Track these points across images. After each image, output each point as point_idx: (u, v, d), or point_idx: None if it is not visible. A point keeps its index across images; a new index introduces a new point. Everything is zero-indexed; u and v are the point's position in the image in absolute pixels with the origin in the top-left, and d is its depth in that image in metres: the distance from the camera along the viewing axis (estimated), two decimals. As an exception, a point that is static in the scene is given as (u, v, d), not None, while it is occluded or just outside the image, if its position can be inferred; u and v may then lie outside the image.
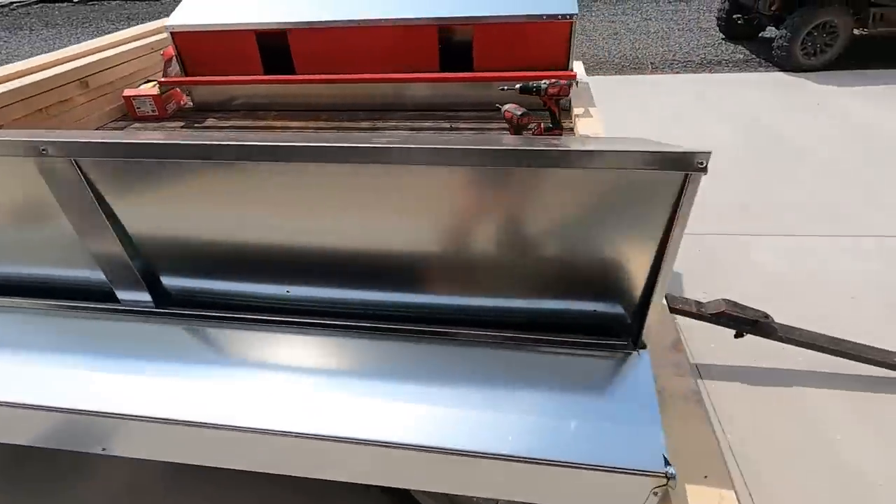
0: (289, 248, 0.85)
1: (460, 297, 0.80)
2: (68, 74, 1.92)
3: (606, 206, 0.67)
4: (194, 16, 2.04)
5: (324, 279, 0.87)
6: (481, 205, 0.72)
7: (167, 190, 0.83)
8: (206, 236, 0.86)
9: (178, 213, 0.86)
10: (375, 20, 1.92)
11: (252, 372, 0.80)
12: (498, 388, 0.68)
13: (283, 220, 0.83)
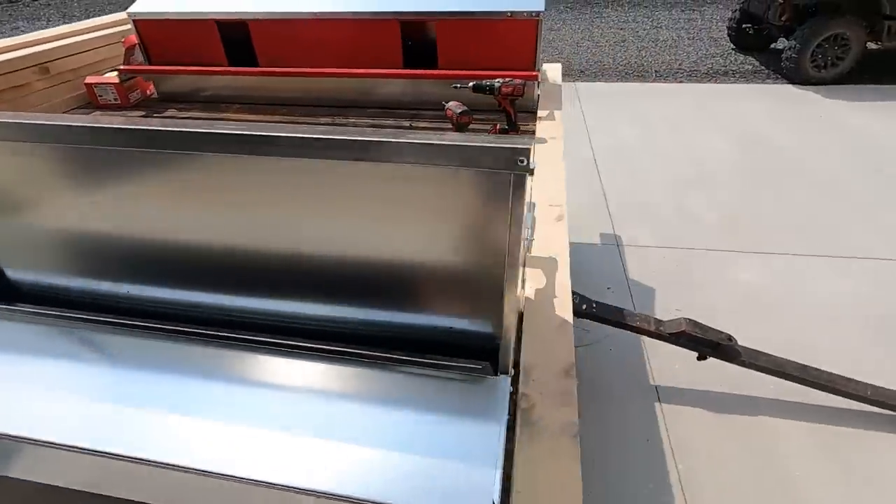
0: (126, 242, 0.78)
1: (304, 303, 0.73)
2: (26, 59, 1.90)
3: (438, 207, 0.59)
4: (157, 3, 2.00)
5: (163, 279, 0.80)
6: (306, 199, 0.66)
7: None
8: (54, 226, 0.81)
9: (22, 197, 0.81)
10: (337, 13, 1.86)
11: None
12: (327, 408, 0.61)
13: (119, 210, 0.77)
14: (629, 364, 1.88)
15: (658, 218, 2.71)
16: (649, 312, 2.08)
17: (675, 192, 2.93)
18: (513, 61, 1.84)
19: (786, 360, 1.63)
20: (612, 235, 2.60)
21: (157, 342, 0.78)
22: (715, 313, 2.02)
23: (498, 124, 1.64)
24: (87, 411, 0.68)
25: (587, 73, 5.05)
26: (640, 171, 3.16)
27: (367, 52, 1.92)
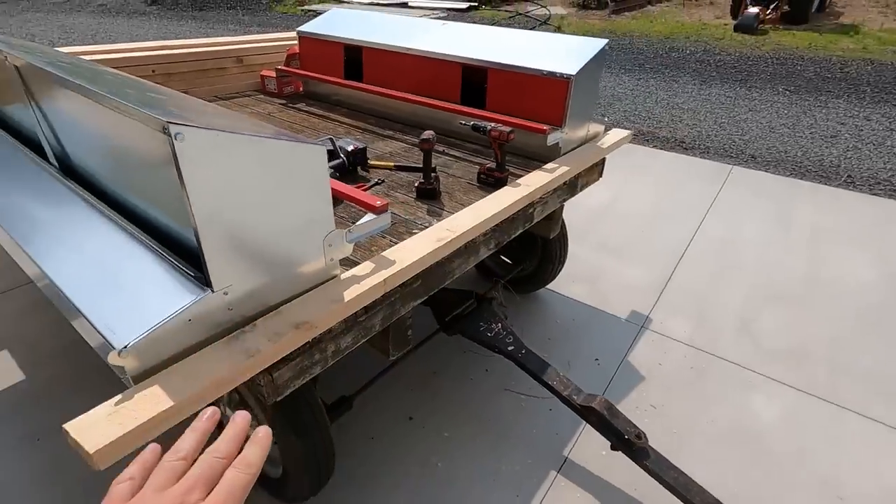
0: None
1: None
2: (229, 52, 2.78)
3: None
4: (315, 26, 2.71)
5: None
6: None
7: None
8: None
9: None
10: (419, 50, 2.28)
11: None
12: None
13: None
14: (558, 427, 1.83)
15: (709, 319, 2.42)
16: (621, 402, 1.95)
17: (755, 301, 2.55)
18: (544, 113, 1.99)
19: (697, 485, 1.44)
20: (642, 316, 2.43)
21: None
22: (687, 441, 1.81)
23: (487, 164, 1.82)
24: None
25: (761, 160, 4.51)
26: (733, 269, 2.82)
27: (435, 84, 2.28)
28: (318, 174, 1.02)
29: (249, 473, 0.42)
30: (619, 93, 6.54)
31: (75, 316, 0.96)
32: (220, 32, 11.27)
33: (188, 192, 0.83)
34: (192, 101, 1.18)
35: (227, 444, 0.44)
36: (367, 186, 1.77)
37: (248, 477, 0.42)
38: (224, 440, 0.45)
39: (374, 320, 1.23)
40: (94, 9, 15.38)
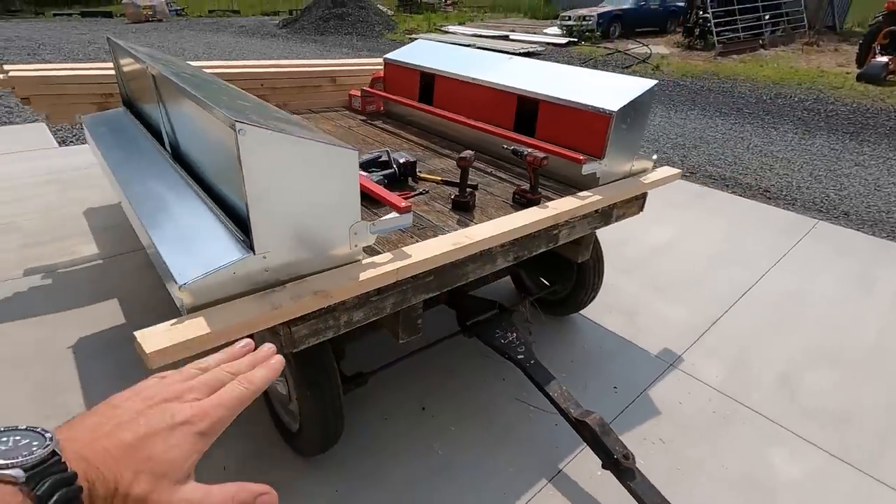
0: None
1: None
2: (325, 72, 3.21)
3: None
4: (401, 54, 3.05)
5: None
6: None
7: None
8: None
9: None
10: (483, 81, 2.51)
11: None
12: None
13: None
14: (558, 441, 1.90)
15: (747, 369, 2.34)
16: (629, 432, 1.97)
17: (805, 359, 2.42)
18: (587, 145, 2.11)
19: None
20: (674, 354, 2.41)
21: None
22: (689, 479, 1.79)
23: (522, 186, 1.98)
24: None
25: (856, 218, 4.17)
26: (789, 325, 2.68)
27: (493, 111, 2.49)
28: (348, 173, 1.26)
29: (248, 389, 0.44)
30: (707, 136, 6.34)
31: (162, 265, 1.27)
32: (333, 54, 12.46)
33: (244, 174, 1.10)
34: (270, 110, 1.48)
35: (241, 364, 0.46)
36: (411, 195, 2.01)
37: (244, 391, 0.43)
38: (241, 361, 0.47)
39: (385, 302, 1.44)
40: (235, 30, 17.67)
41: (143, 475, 0.36)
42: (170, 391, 0.41)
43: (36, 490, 0.31)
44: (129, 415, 0.38)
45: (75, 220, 3.36)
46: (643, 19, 14.71)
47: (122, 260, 2.94)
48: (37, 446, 0.33)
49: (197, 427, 0.39)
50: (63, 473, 0.32)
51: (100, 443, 0.36)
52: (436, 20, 19.65)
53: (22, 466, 0.31)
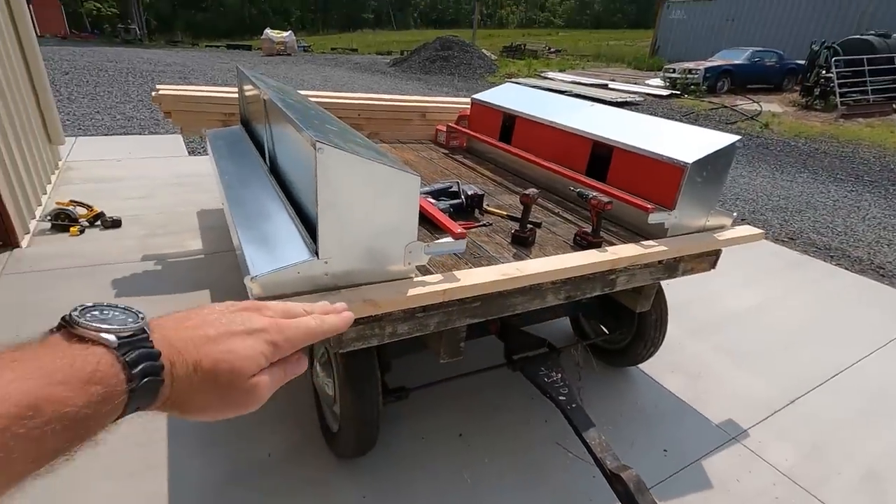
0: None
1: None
2: (415, 108, 3.46)
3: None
4: (487, 95, 3.22)
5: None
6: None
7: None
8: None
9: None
10: (559, 124, 2.58)
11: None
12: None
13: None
14: (593, 494, 1.81)
15: (826, 458, 2.08)
16: (673, 500, 1.84)
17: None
18: (658, 195, 2.09)
19: None
20: (739, 428, 2.21)
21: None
22: None
23: (584, 228, 1.99)
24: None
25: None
26: (888, 418, 2.36)
27: (568, 154, 2.54)
28: (409, 195, 1.38)
29: (319, 325, 0.46)
30: (816, 201, 5.82)
31: (242, 259, 1.46)
32: (434, 91, 13.19)
33: (318, 187, 1.25)
34: (352, 134, 1.66)
35: (316, 307, 0.49)
36: (475, 225, 2.10)
37: (315, 325, 0.46)
38: (316, 305, 0.49)
39: (429, 320, 1.51)
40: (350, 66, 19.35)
41: (221, 363, 0.39)
42: (251, 304, 0.46)
43: (126, 356, 0.34)
44: (212, 315, 0.42)
45: (189, 218, 3.86)
46: (756, 75, 13.98)
47: (220, 257, 3.32)
48: (131, 322, 0.37)
49: (271, 336, 0.43)
50: (150, 348, 0.36)
51: (184, 332, 0.40)
52: (537, 66, 20.13)
53: (116, 334, 0.35)
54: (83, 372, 0.32)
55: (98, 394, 0.32)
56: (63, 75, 11.53)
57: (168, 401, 0.38)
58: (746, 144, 8.70)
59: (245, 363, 0.41)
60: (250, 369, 0.41)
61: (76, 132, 6.30)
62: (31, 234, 3.34)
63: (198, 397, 0.39)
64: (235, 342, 0.41)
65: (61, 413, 0.30)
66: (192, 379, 0.38)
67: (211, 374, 0.39)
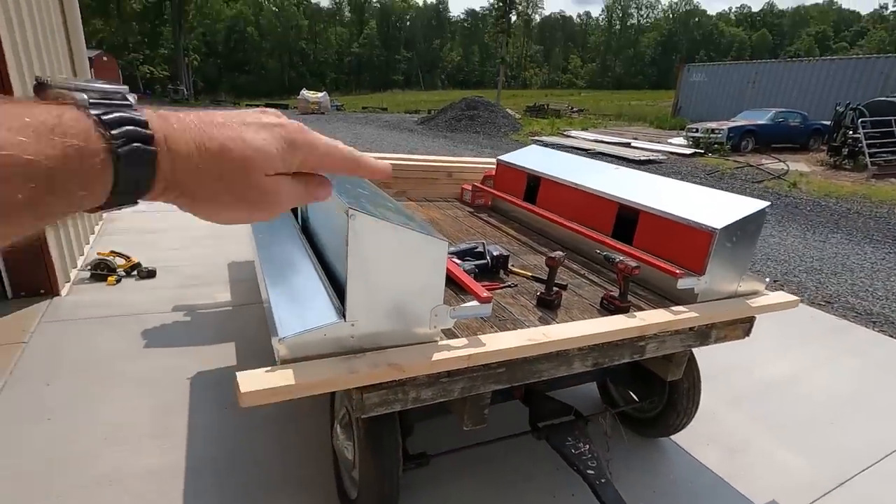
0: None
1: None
2: (442, 168, 3.57)
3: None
4: (512, 157, 3.31)
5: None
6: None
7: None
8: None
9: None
10: (584, 187, 2.61)
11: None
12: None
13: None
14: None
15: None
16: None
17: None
18: (687, 260, 2.06)
19: None
20: (784, 511, 2.04)
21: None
22: None
23: (611, 292, 1.97)
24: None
25: None
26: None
27: (593, 216, 2.55)
28: (437, 260, 1.40)
29: (353, 154, 0.43)
30: (852, 263, 5.64)
31: (270, 317, 1.49)
32: (460, 148, 13.61)
33: (348, 251, 1.29)
34: (382, 198, 1.72)
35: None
36: (500, 286, 2.09)
37: (348, 150, 0.43)
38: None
39: (454, 386, 1.49)
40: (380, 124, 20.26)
41: (229, 150, 0.35)
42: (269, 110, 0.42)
43: (102, 116, 0.30)
44: (223, 109, 0.39)
45: (220, 269, 3.97)
46: (780, 135, 14.03)
47: (246, 309, 3.37)
48: (113, 91, 0.33)
49: (286, 131, 0.39)
50: (133, 114, 0.32)
51: (188, 117, 0.35)
52: (560, 125, 20.69)
53: (89, 94, 0.31)
54: (42, 124, 0.28)
55: (62, 146, 0.28)
56: (114, 132, 12.38)
57: (172, 185, 0.34)
58: (775, 203, 8.59)
59: (256, 155, 0.36)
60: (262, 163, 0.37)
61: (121, 185, 6.68)
62: (72, 282, 3.48)
63: (206, 184, 0.35)
64: (247, 131, 0.36)
65: (15, 158, 0.26)
66: (196, 161, 0.34)
67: (217, 157, 0.34)
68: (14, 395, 2.33)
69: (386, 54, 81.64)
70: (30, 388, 2.39)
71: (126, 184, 0.31)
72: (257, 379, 1.23)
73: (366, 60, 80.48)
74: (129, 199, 0.33)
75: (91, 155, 0.29)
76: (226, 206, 0.37)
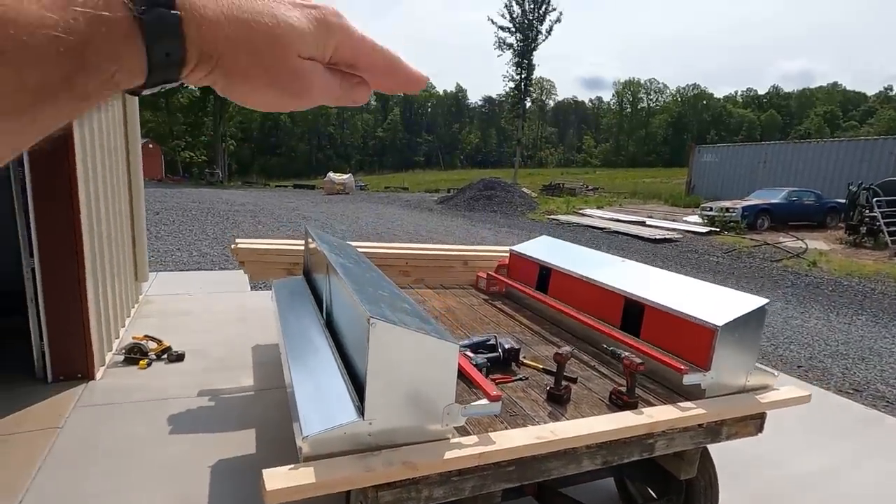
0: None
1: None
2: (457, 257, 3.78)
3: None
4: (524, 247, 3.50)
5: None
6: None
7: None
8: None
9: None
10: (593, 280, 2.75)
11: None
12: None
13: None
14: None
15: None
16: None
17: None
18: (692, 354, 2.14)
19: None
20: None
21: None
22: None
23: (619, 387, 2.03)
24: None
25: None
26: None
27: (601, 308, 2.67)
28: (449, 362, 1.53)
29: (397, 56, 0.41)
30: (880, 348, 5.50)
31: (294, 410, 1.61)
32: (478, 227, 14.03)
33: (369, 355, 1.43)
34: (401, 300, 1.89)
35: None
36: (511, 379, 2.18)
37: (393, 52, 0.41)
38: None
39: (465, 484, 1.55)
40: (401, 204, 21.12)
41: (258, 22, 0.34)
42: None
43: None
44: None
45: (245, 352, 4.12)
46: (795, 213, 14.14)
47: (268, 394, 3.47)
48: None
49: (320, 13, 0.37)
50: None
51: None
52: (575, 203, 21.24)
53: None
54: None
55: (84, 17, 0.27)
56: (154, 215, 13.23)
57: (205, 57, 0.33)
58: (795, 283, 8.53)
59: (288, 30, 0.35)
60: (295, 40, 0.35)
61: (157, 268, 7.09)
62: (106, 366, 3.66)
63: (238, 57, 0.34)
64: (278, 7, 0.35)
65: (44, 23, 0.26)
66: (227, 30, 0.33)
67: (248, 28, 0.33)
68: (47, 482, 2.43)
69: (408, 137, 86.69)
70: (63, 474, 2.49)
71: (159, 54, 0.30)
72: (282, 477, 1.33)
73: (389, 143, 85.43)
74: (168, 73, 0.32)
75: (115, 24, 0.28)
76: (259, 86, 0.36)
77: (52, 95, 0.27)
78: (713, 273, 9.09)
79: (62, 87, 0.28)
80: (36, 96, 0.27)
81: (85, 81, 0.28)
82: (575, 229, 14.72)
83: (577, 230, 14.57)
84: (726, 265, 9.93)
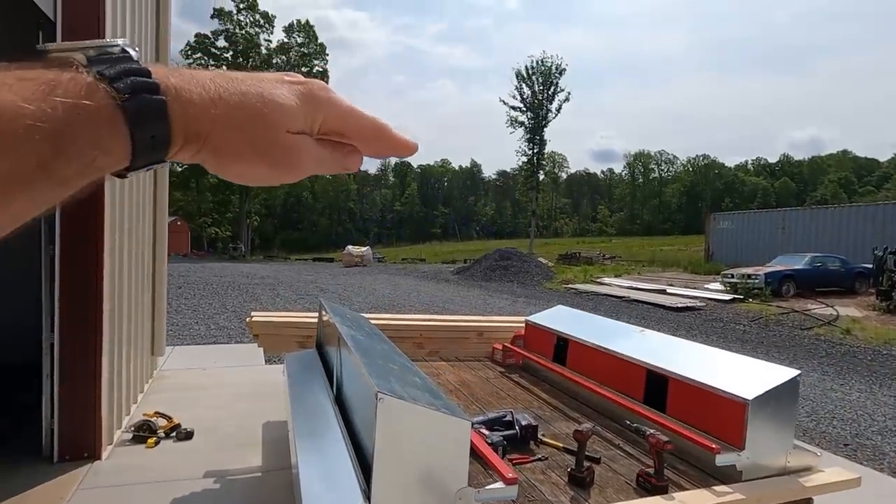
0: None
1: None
2: (472, 328, 3.72)
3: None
4: (541, 318, 3.43)
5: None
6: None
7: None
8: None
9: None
10: (613, 351, 2.66)
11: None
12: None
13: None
14: None
15: None
16: None
17: None
18: (723, 432, 2.00)
19: None
20: None
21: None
22: None
23: (646, 469, 1.89)
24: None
25: None
26: None
27: (623, 381, 2.55)
28: (460, 440, 1.45)
29: (386, 125, 0.42)
30: (931, 422, 5.07)
31: (298, 494, 1.52)
32: (494, 297, 13.93)
33: (376, 433, 1.37)
34: (411, 374, 1.83)
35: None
36: (530, 459, 2.05)
37: (373, 116, 0.41)
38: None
39: (480, 581, 1.41)
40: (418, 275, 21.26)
41: (247, 104, 0.34)
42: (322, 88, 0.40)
43: (103, 72, 0.29)
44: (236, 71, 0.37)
45: (255, 430, 3.99)
46: (821, 279, 13.76)
47: (274, 476, 3.31)
48: (108, 43, 0.31)
49: (307, 88, 0.38)
50: (136, 65, 0.31)
51: (202, 72, 0.34)
52: (592, 272, 21.10)
53: (85, 54, 0.30)
54: (41, 86, 0.27)
55: (62, 106, 0.27)
56: (176, 289, 13.52)
57: (193, 137, 0.33)
58: (830, 353, 8.10)
59: (275, 110, 0.35)
60: (282, 117, 0.36)
61: (174, 341, 7.11)
62: (114, 444, 3.57)
63: (227, 136, 0.34)
64: (265, 85, 0.36)
65: (19, 112, 0.26)
66: (213, 112, 0.33)
67: (235, 108, 0.34)
68: (36, 574, 2.28)
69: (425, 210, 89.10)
70: (53, 565, 2.35)
71: (142, 138, 0.30)
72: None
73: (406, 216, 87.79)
74: (153, 155, 0.32)
75: (95, 111, 0.28)
76: (250, 162, 0.36)
77: (26, 182, 0.27)
78: (741, 343, 8.72)
79: (37, 175, 0.27)
80: (6, 184, 0.26)
81: (64, 167, 0.28)
82: (594, 298, 14.48)
83: (596, 299, 14.33)
84: (754, 334, 9.54)
